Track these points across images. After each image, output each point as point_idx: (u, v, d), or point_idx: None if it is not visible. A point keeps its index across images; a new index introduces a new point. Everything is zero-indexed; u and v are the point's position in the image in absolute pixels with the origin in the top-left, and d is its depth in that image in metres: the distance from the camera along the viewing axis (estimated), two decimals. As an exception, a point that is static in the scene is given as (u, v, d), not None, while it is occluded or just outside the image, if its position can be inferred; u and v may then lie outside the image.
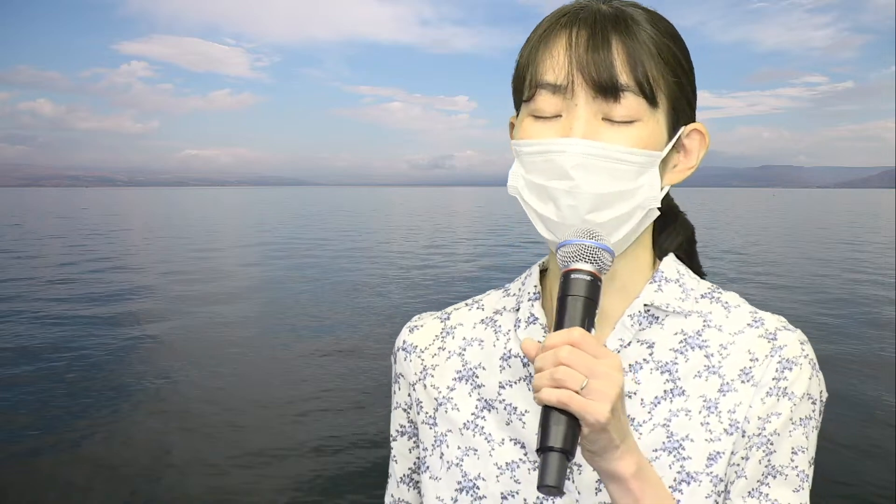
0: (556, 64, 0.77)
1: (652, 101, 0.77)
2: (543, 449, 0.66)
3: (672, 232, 0.94)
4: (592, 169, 0.76)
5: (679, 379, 0.83)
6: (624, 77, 0.75)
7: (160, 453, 5.68)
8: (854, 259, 20.01)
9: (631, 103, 0.76)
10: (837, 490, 5.01)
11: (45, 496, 4.98)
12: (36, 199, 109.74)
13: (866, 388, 7.28)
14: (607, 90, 0.75)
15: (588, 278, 0.72)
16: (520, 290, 0.94)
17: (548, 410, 0.67)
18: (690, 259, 0.97)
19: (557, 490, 0.65)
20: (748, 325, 0.85)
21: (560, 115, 0.78)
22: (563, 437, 0.66)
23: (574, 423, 0.67)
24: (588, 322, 0.71)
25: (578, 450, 0.69)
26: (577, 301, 0.71)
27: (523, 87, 0.80)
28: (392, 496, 0.99)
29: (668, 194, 0.87)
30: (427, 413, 0.93)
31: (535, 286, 0.91)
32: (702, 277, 0.95)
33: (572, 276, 0.73)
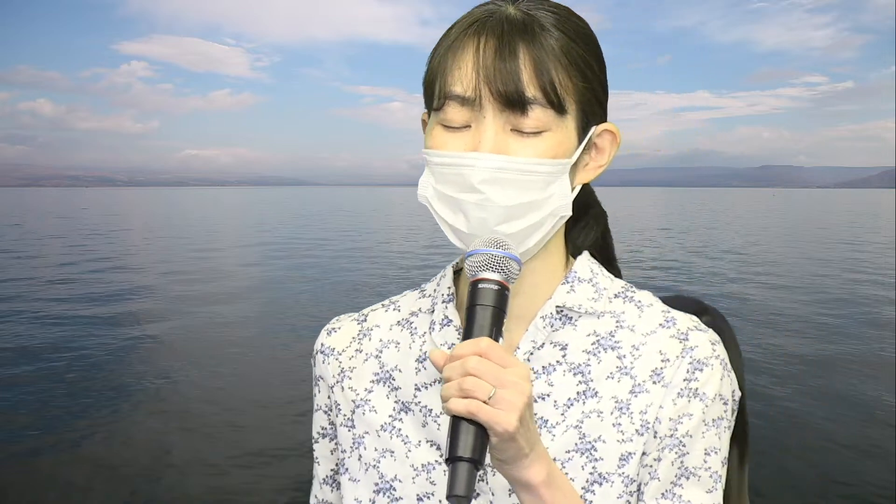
0: (464, 76, 0.76)
1: (560, 109, 0.77)
2: (452, 459, 0.67)
3: (585, 227, 0.94)
4: (502, 182, 0.76)
5: (592, 381, 0.83)
6: (531, 89, 0.75)
7: (160, 453, 5.68)
8: (854, 259, 20.01)
9: (539, 115, 0.76)
10: (837, 490, 5.01)
11: (45, 496, 4.99)
12: (36, 199, 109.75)
13: (866, 388, 7.23)
14: (514, 104, 0.75)
15: (496, 287, 0.73)
16: (435, 291, 0.94)
17: (456, 420, 0.67)
18: (606, 253, 0.97)
19: (466, 500, 0.66)
20: (660, 325, 0.85)
21: (469, 126, 0.78)
22: (471, 447, 0.66)
23: (482, 432, 0.67)
24: (496, 331, 0.72)
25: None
26: (485, 311, 0.72)
27: (433, 94, 0.80)
28: (316, 497, 1.00)
29: (582, 188, 0.86)
30: (345, 415, 0.93)
31: (449, 287, 0.91)
32: (617, 272, 0.96)
33: (480, 285, 0.73)
